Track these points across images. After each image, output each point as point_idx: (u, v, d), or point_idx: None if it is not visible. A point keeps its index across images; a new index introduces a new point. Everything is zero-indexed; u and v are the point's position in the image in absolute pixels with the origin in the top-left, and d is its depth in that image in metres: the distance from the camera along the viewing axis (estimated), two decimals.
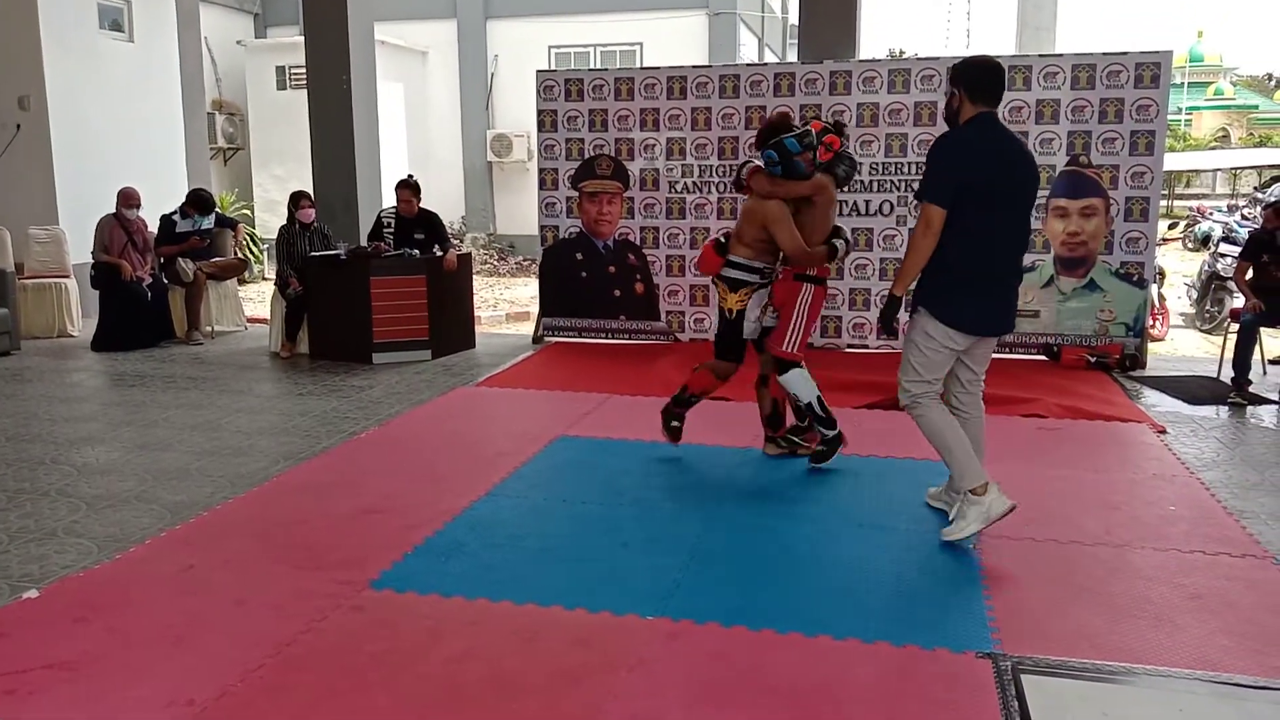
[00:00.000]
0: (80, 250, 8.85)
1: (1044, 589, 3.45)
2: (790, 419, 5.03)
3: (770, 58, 20.11)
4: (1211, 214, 20.27)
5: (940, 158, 3.68)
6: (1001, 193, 3.62)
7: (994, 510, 3.69)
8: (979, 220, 3.59)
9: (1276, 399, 6.31)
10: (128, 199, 8.36)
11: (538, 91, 8.28)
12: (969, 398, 3.97)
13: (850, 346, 7.78)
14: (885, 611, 3.26)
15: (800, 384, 4.71)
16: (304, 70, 9.53)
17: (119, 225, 8.31)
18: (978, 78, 3.66)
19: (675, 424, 5.00)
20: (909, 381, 3.83)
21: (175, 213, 8.70)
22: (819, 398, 4.72)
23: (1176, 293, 13.28)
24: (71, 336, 8.81)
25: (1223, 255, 12.03)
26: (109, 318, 8.24)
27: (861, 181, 7.47)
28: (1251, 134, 37.56)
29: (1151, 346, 8.09)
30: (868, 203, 7.57)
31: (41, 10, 9.20)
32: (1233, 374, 6.47)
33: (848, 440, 4.83)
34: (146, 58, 10.66)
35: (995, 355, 7.60)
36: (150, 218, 8.61)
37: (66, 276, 8.98)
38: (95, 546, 3.88)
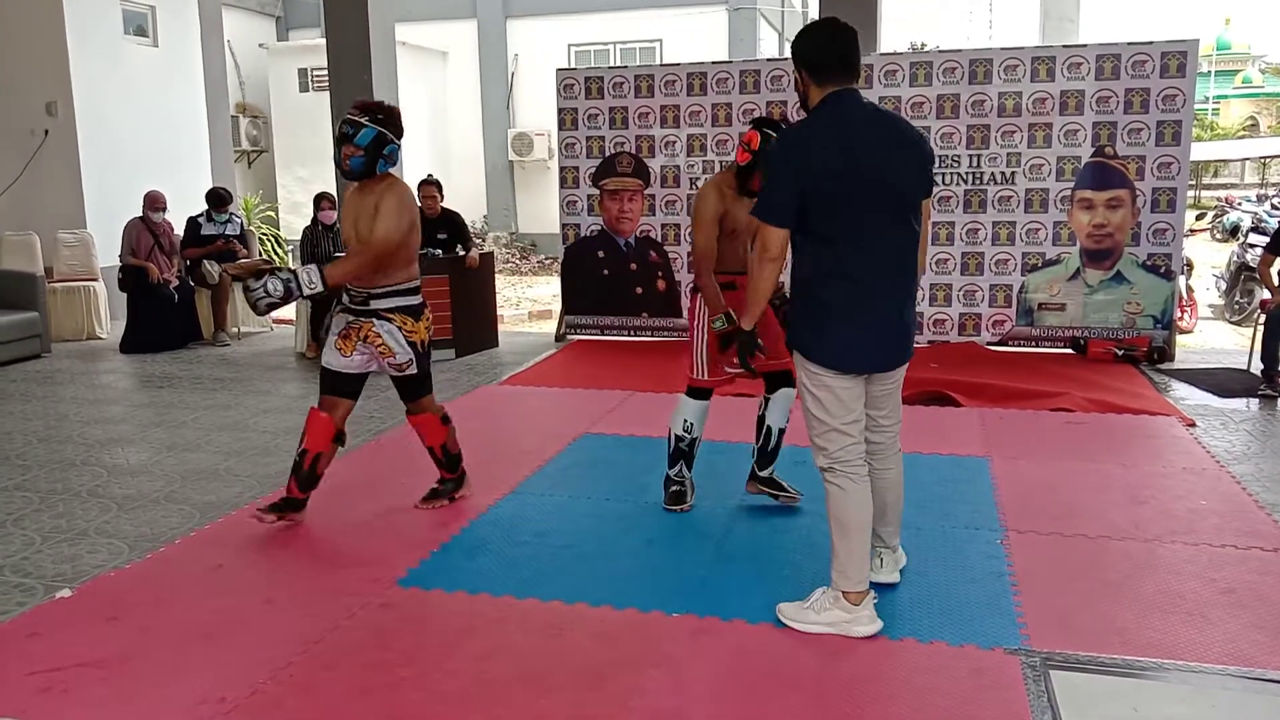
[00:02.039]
0: (108, 254, 8.96)
1: (1073, 584, 3.42)
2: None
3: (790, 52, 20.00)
4: (1240, 204, 20.01)
5: (772, 166, 3.02)
6: (858, 194, 2.87)
7: (858, 628, 3.02)
8: (830, 231, 2.89)
9: None
10: (153, 202, 8.44)
11: (558, 90, 8.29)
12: (878, 442, 3.22)
13: None
14: (911, 608, 3.25)
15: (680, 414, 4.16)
16: (326, 72, 9.58)
17: (145, 228, 8.40)
18: (817, 49, 2.92)
19: None
20: (820, 437, 3.05)
21: (201, 215, 8.80)
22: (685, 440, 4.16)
23: (1205, 284, 13.12)
24: (100, 339, 8.92)
25: (1252, 246, 11.88)
26: (137, 320, 8.34)
27: None
28: None
29: (1180, 339, 8.00)
30: None
31: (68, 17, 9.31)
32: (1263, 366, 6.38)
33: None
34: (171, 62, 10.77)
35: (1022, 349, 7.49)
36: (176, 221, 8.70)
37: (95, 280, 9.08)
38: (127, 546, 3.93)
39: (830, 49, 2.91)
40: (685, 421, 4.17)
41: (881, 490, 3.24)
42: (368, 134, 3.80)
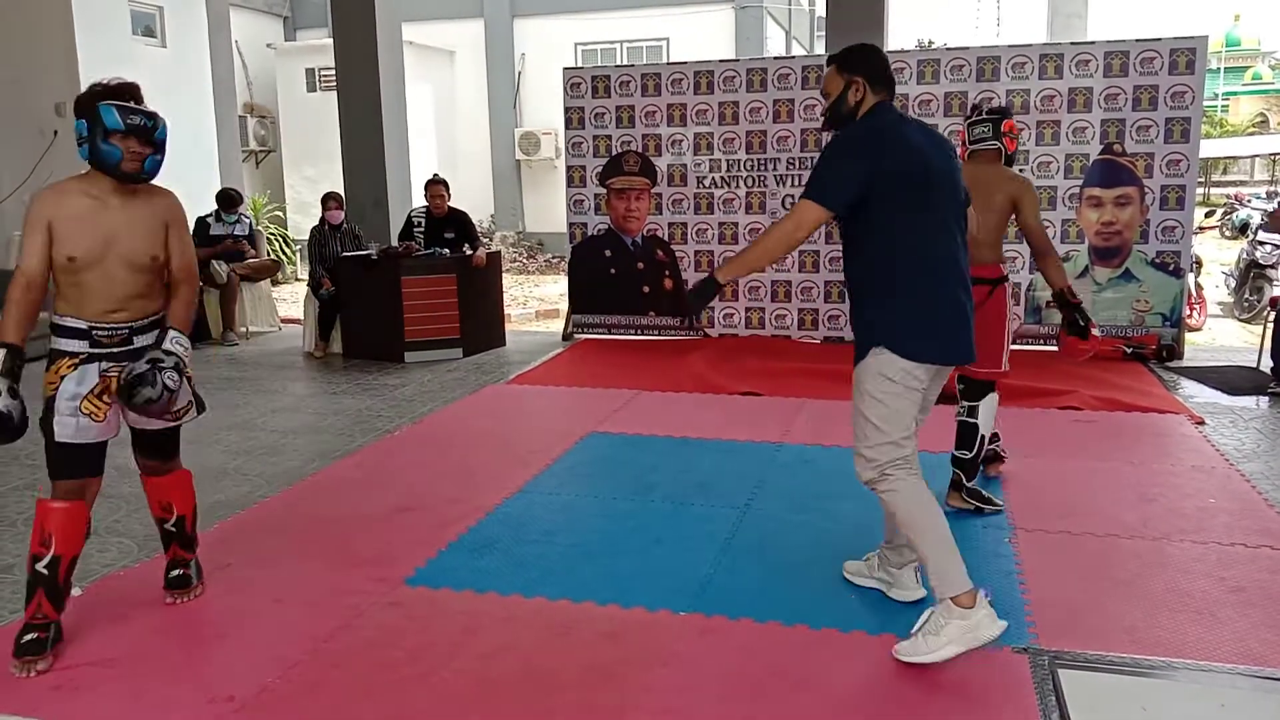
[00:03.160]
0: None
1: (1081, 583, 3.42)
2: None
3: (798, 50, 20.01)
4: (1249, 201, 19.93)
5: (843, 151, 2.96)
6: (932, 188, 2.96)
7: (983, 632, 2.81)
8: (910, 222, 2.91)
9: None
10: None
11: (565, 89, 8.30)
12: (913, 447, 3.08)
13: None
14: (921, 606, 3.23)
15: (992, 411, 4.21)
16: (333, 72, 9.61)
17: None
18: (877, 63, 3.08)
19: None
20: (871, 447, 2.95)
21: (209, 215, 8.83)
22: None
23: (1214, 282, 13.06)
24: None
25: (1261, 243, 11.83)
26: None
27: None
28: None
29: (1189, 336, 7.97)
30: None
31: (77, 18, 9.35)
32: (1272, 363, 6.36)
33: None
34: (179, 62, 10.82)
35: (1029, 348, 7.49)
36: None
37: None
38: (136, 545, 3.95)
39: (885, 64, 3.11)
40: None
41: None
42: (165, 129, 3.04)
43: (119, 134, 2.91)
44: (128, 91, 2.99)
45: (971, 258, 3.31)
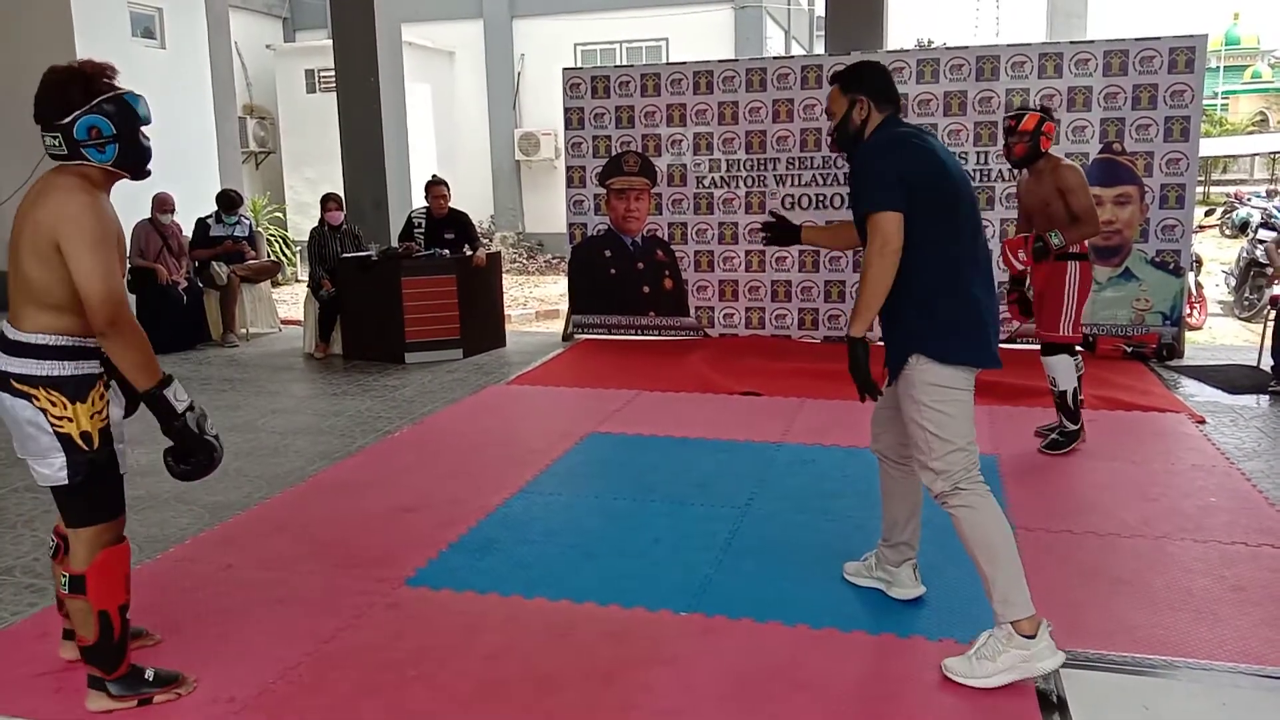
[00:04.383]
0: None
1: (1082, 581, 3.42)
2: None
3: (797, 50, 20.01)
4: (1249, 199, 19.91)
5: (877, 157, 2.93)
6: (960, 196, 2.95)
7: (1041, 663, 2.72)
8: (940, 226, 2.88)
9: None
10: (162, 204, 8.47)
11: (564, 89, 8.30)
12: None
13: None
14: (920, 606, 3.24)
15: (1064, 370, 4.79)
16: (333, 73, 9.61)
17: (154, 230, 8.43)
18: (881, 79, 3.10)
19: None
20: (939, 459, 2.84)
21: (209, 217, 8.83)
22: (1075, 389, 4.81)
23: (1214, 280, 13.06)
24: None
25: (1261, 241, 11.82)
26: (145, 321, 8.13)
27: None
28: None
29: (1189, 335, 7.97)
30: None
31: (76, 20, 9.35)
32: (1273, 362, 6.36)
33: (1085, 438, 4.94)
34: (178, 64, 10.82)
35: (1028, 348, 7.50)
36: (184, 222, 8.73)
37: None
38: (136, 547, 3.93)
39: (889, 79, 3.14)
40: (1071, 374, 4.83)
41: (915, 491, 3.22)
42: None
43: (145, 127, 2.60)
44: (114, 72, 2.59)
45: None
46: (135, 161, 2.62)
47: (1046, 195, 4.73)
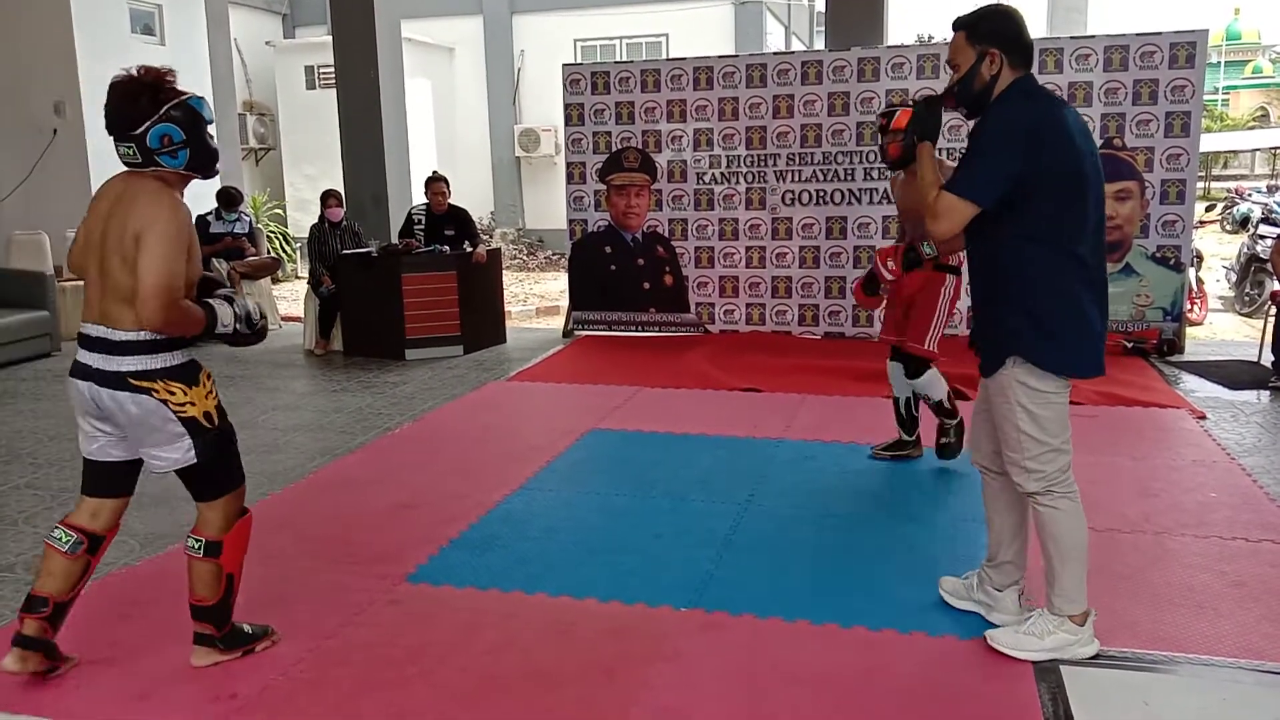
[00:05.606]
0: None
1: None
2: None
3: (797, 45, 19.98)
4: (1250, 195, 19.88)
5: (1001, 143, 2.66)
6: (1090, 185, 2.71)
7: (1081, 649, 2.84)
8: (1061, 226, 2.68)
9: None
10: None
11: (564, 85, 8.29)
12: None
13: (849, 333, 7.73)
14: (921, 602, 3.24)
15: (933, 383, 4.55)
16: (333, 69, 9.60)
17: None
18: (1016, 33, 2.75)
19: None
20: (1033, 458, 2.78)
21: (209, 213, 8.82)
22: (947, 395, 4.58)
23: (1215, 276, 13.05)
24: None
25: (1262, 237, 11.82)
26: None
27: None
28: None
29: (1190, 331, 7.96)
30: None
31: (76, 17, 9.35)
32: (1273, 357, 6.35)
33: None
34: (177, 60, 10.77)
35: None
36: None
37: None
38: (138, 544, 3.95)
39: (1024, 32, 2.78)
40: (941, 385, 4.59)
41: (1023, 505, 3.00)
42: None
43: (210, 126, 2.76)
44: (174, 76, 2.75)
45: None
46: (205, 162, 2.77)
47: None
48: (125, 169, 2.71)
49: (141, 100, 2.64)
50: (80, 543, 2.82)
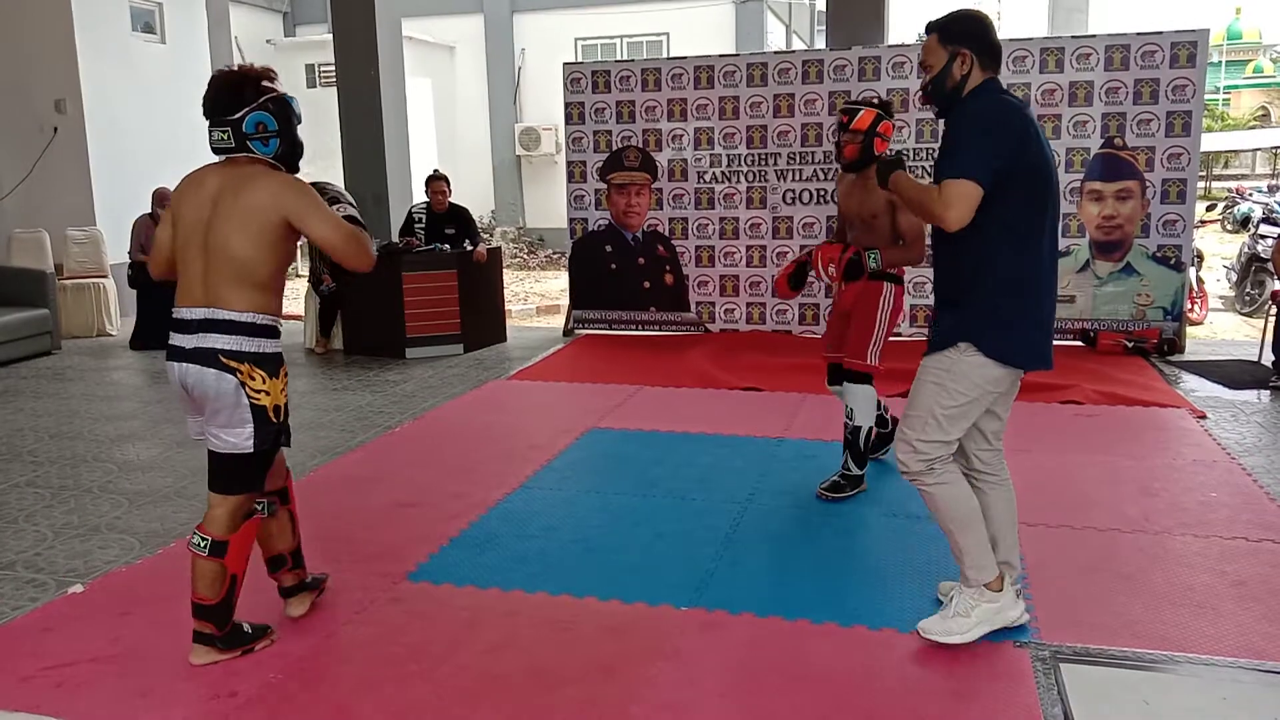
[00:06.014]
0: (118, 250, 8.99)
1: (1083, 577, 3.42)
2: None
3: (798, 45, 19.98)
4: (1251, 195, 19.90)
5: (983, 130, 2.73)
6: (1051, 183, 2.83)
7: (1009, 613, 2.97)
8: (1029, 222, 2.78)
9: None
10: (162, 199, 8.45)
11: (565, 84, 8.29)
12: (993, 455, 3.04)
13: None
14: (922, 601, 3.24)
15: (866, 403, 4.24)
16: (333, 68, 9.60)
17: (155, 225, 8.42)
18: (987, 35, 2.86)
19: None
20: (924, 440, 2.87)
21: None
22: (870, 429, 4.27)
23: (1215, 275, 13.06)
24: (110, 335, 8.95)
25: (1263, 236, 11.83)
26: (147, 316, 8.36)
27: None
28: None
29: (1190, 330, 7.97)
30: None
31: (76, 15, 9.33)
32: (1274, 357, 6.35)
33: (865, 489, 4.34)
34: (178, 58, 10.78)
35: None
36: None
37: (104, 276, 9.11)
38: (138, 542, 3.95)
39: (994, 35, 2.89)
40: (871, 408, 4.30)
41: (1005, 501, 3.05)
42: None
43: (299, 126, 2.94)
44: (275, 75, 2.98)
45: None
46: (291, 155, 2.93)
47: (875, 207, 4.04)
48: (215, 159, 2.88)
49: (245, 89, 2.82)
50: (271, 504, 3.02)
